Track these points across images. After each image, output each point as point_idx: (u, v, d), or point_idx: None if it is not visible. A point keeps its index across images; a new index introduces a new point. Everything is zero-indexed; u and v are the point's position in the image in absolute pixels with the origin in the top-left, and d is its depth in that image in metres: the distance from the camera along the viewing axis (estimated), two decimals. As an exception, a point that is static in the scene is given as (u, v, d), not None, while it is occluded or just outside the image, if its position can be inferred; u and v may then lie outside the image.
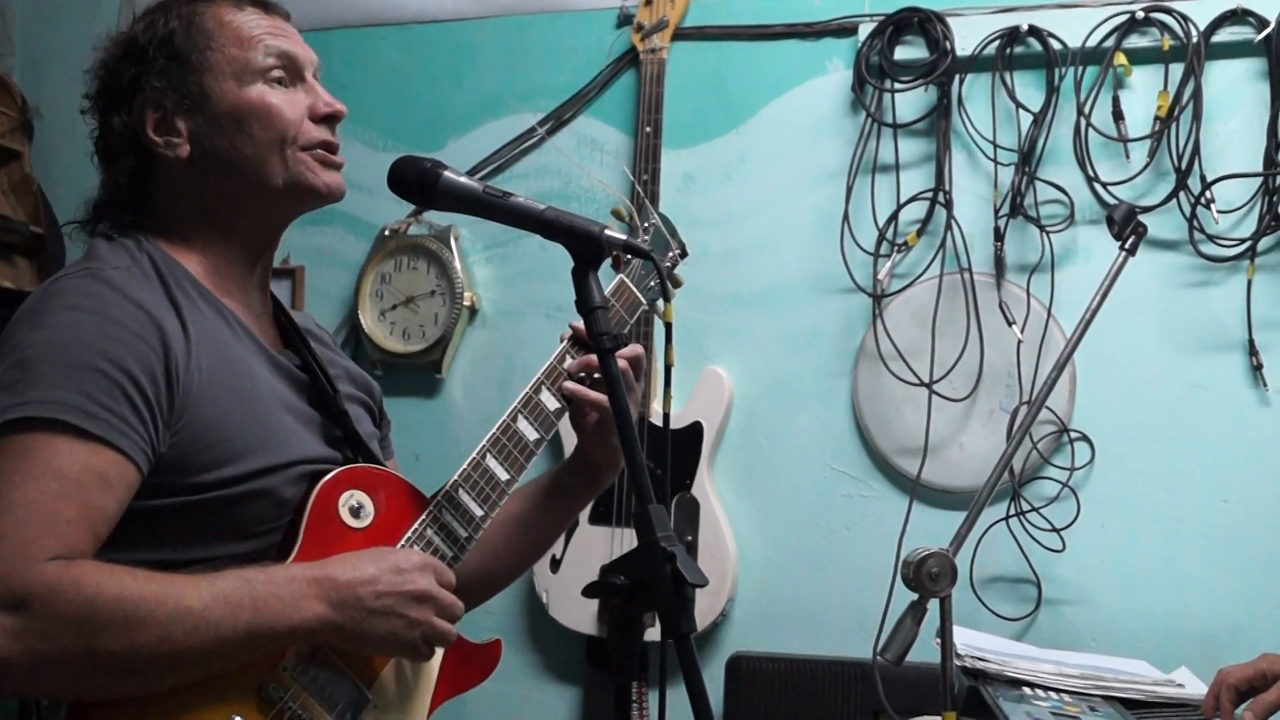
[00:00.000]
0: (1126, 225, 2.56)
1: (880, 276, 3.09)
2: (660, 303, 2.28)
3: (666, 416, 1.96)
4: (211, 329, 1.84)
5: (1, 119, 3.56)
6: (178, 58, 1.89)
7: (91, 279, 1.80)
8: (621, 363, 2.05)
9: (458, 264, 3.34)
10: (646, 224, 2.28)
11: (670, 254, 2.30)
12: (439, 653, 1.94)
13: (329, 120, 1.95)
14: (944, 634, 2.34)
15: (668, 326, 1.89)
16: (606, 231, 1.76)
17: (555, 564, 3.19)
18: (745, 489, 3.20)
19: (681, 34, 3.24)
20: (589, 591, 1.70)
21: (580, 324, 2.01)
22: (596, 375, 2.06)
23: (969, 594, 2.99)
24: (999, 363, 3.03)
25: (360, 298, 3.42)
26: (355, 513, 1.89)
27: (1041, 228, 3.01)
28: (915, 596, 2.26)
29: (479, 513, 1.97)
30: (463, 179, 1.80)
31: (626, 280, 2.20)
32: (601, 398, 2.06)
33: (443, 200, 1.80)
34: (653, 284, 2.26)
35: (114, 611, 1.63)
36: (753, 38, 3.25)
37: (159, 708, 1.69)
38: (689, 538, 3.11)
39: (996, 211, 3.04)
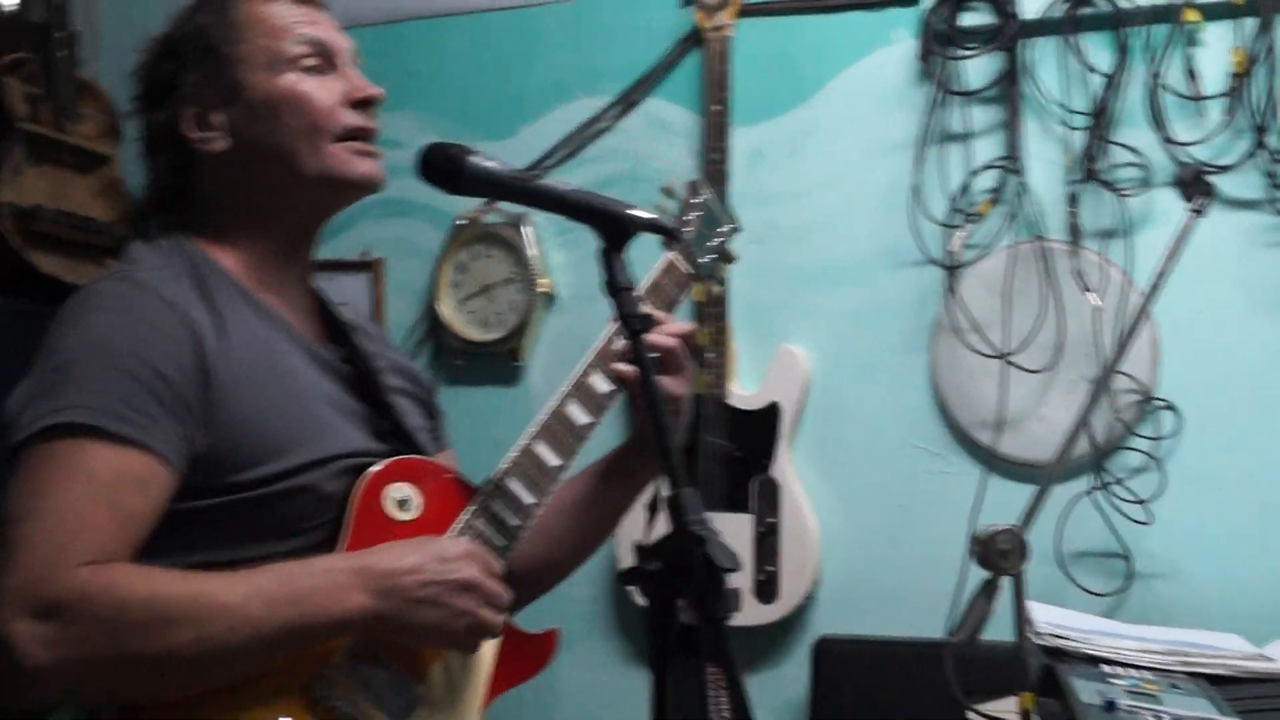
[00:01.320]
0: (1195, 186, 2.47)
1: (952, 248, 3.01)
2: (716, 279, 2.26)
3: (696, 397, 1.90)
4: (248, 325, 1.83)
5: (91, 123, 3.61)
6: (211, 51, 1.89)
7: (124, 281, 1.81)
8: (670, 340, 2.01)
9: (531, 250, 3.32)
10: (697, 199, 2.25)
11: (722, 229, 2.25)
12: (488, 645, 1.90)
13: (365, 105, 1.91)
14: (1018, 612, 2.30)
15: (698, 305, 1.84)
16: (630, 211, 1.72)
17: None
18: (825, 469, 3.14)
19: (746, 10, 3.17)
20: (624, 578, 1.68)
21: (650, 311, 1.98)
22: (652, 355, 2.00)
23: (1056, 570, 2.92)
24: (1079, 332, 2.93)
25: (438, 288, 3.42)
26: (402, 505, 1.86)
27: (1116, 191, 2.91)
28: (989, 574, 2.24)
29: (530, 500, 1.93)
30: (489, 163, 1.75)
31: (675, 258, 2.15)
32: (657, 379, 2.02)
33: (469, 185, 1.76)
34: (706, 260, 2.23)
35: (147, 613, 1.63)
36: (817, 11, 3.18)
37: (205, 710, 1.68)
38: (770, 521, 3.08)
39: (1069, 177, 2.94)
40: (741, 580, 3.08)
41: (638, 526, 3.12)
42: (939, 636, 2.85)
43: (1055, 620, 2.55)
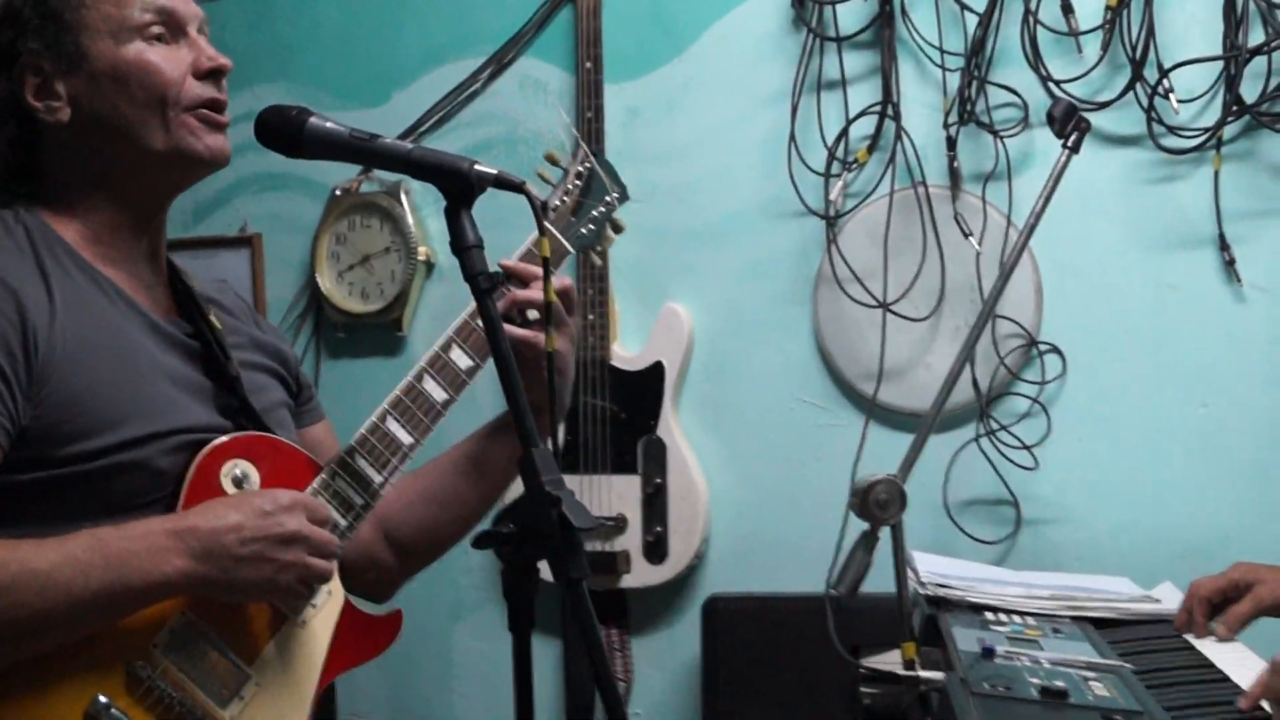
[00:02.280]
0: (1068, 122, 2.41)
1: (832, 197, 2.93)
2: (595, 249, 2.18)
3: (550, 356, 1.81)
4: (84, 298, 1.77)
5: None
6: (54, 18, 1.80)
7: None
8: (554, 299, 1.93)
9: (410, 219, 3.23)
10: (581, 167, 2.16)
11: (609, 197, 2.16)
12: (325, 623, 1.85)
13: (213, 76, 1.82)
14: (898, 563, 2.24)
15: (544, 261, 1.77)
16: (476, 167, 1.65)
17: (526, 516, 3.09)
18: (713, 427, 3.07)
19: (610, -36, 3.10)
20: (478, 542, 1.61)
21: (510, 263, 1.95)
22: (531, 314, 1.96)
23: (944, 519, 2.87)
24: (962, 278, 2.87)
25: (317, 260, 3.33)
26: (239, 483, 1.80)
27: (995, 133, 2.84)
28: (868, 526, 2.18)
29: (377, 479, 1.88)
30: (328, 124, 1.69)
31: (551, 229, 2.07)
32: (527, 334, 1.93)
33: (310, 147, 1.69)
34: (586, 230, 2.14)
35: None
36: (685, -40, 3.09)
37: (16, 686, 1.64)
38: (657, 481, 3.00)
39: (947, 120, 2.86)
40: (631, 542, 3.01)
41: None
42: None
43: (939, 570, 2.49)
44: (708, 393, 3.07)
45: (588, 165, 2.19)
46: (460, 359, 1.94)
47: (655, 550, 3.00)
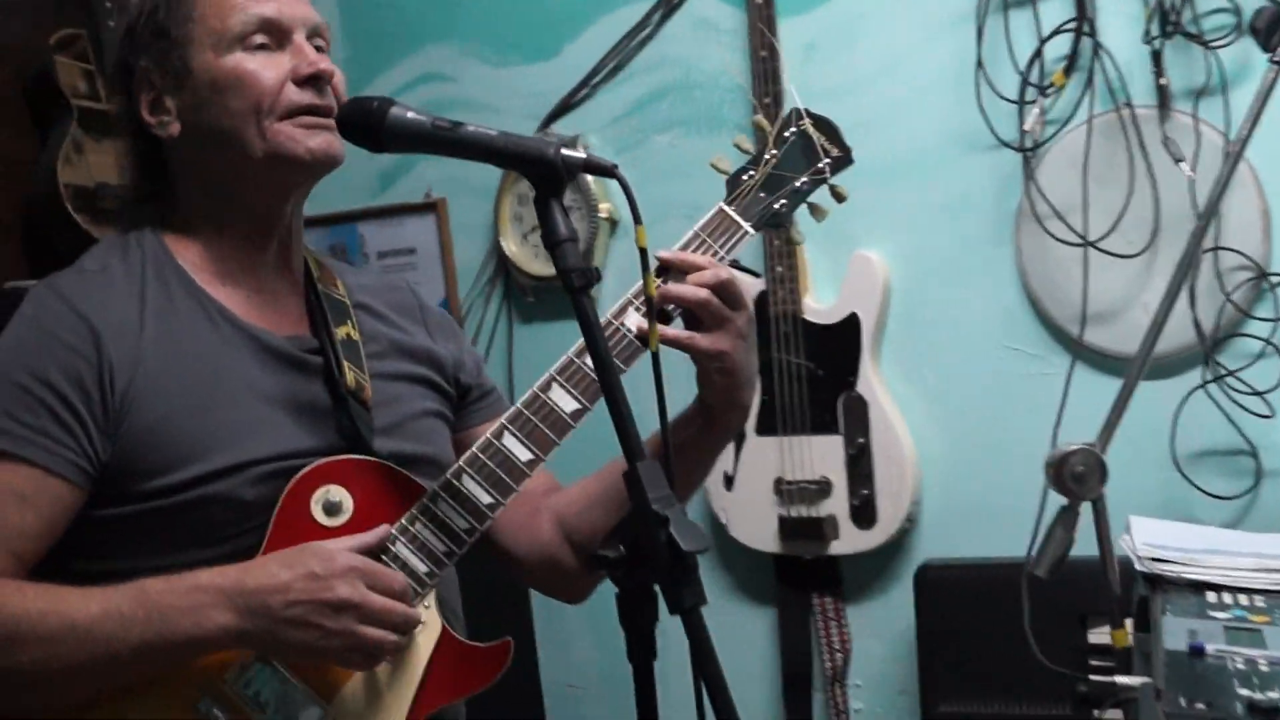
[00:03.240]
0: (1273, 32, 2.16)
1: (1028, 127, 2.71)
2: (799, 230, 2.03)
3: (656, 357, 1.67)
4: (182, 325, 1.79)
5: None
6: (163, 34, 1.83)
7: (46, 289, 1.81)
8: (697, 292, 1.80)
9: (588, 176, 3.12)
10: (789, 132, 1.96)
11: (821, 163, 1.94)
12: (420, 657, 1.79)
13: (313, 82, 1.80)
14: (1101, 544, 2.08)
15: (642, 252, 1.64)
16: (564, 151, 1.55)
17: (729, 481, 3.00)
18: (916, 380, 2.92)
19: (781, -111, 2.90)
20: (590, 565, 1.52)
21: (666, 254, 1.81)
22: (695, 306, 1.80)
23: (1174, 474, 2.67)
24: (1177, 208, 2.62)
25: (500, 224, 3.28)
26: (331, 510, 1.77)
27: (1205, 44, 2.59)
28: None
29: (487, 500, 1.78)
30: (410, 114, 1.62)
31: (726, 208, 1.91)
32: (680, 336, 1.79)
33: (392, 140, 1.64)
34: (779, 206, 1.93)
35: None
36: (859, -125, 2.88)
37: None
38: (860, 441, 2.86)
39: (1150, 34, 2.60)
40: (837, 506, 2.89)
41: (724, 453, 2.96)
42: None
43: (1159, 540, 2.30)
44: (908, 344, 2.91)
45: (797, 129, 2.01)
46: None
47: (863, 514, 2.88)
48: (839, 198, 1.97)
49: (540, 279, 3.25)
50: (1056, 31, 2.70)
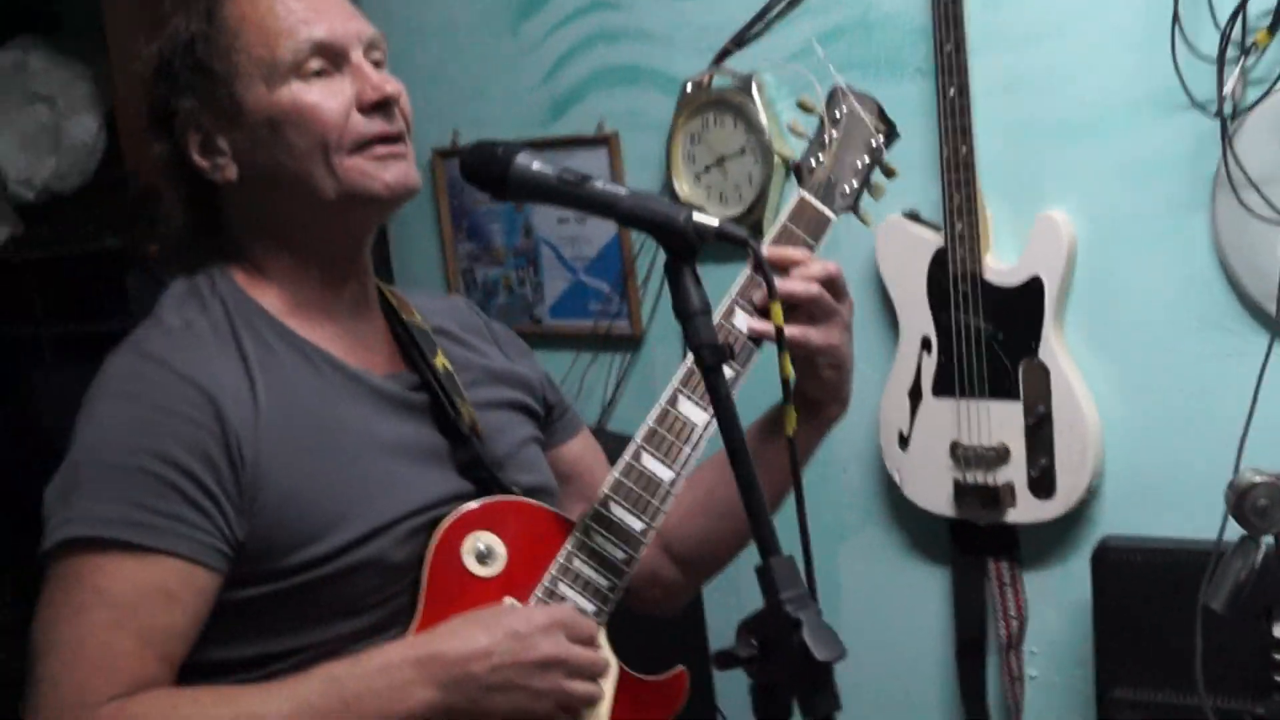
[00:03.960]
0: None
1: (1226, 91, 2.53)
2: (866, 210, 2.00)
3: (792, 443, 1.66)
4: (290, 377, 1.72)
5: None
6: (203, 69, 1.72)
7: (135, 355, 1.70)
8: (809, 287, 1.81)
9: (763, 116, 3.05)
10: (839, 112, 1.99)
11: (873, 141, 2.00)
12: (604, 700, 1.77)
13: (382, 108, 1.72)
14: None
15: (778, 331, 1.61)
16: (695, 218, 1.53)
17: (904, 441, 2.95)
18: (1101, 350, 2.79)
19: None
20: (718, 662, 1.52)
21: (768, 249, 1.82)
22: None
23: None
24: (1392, 181, 2.46)
25: (672, 163, 3.21)
26: (483, 558, 1.76)
27: None
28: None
29: (638, 526, 1.79)
30: (535, 165, 1.59)
31: (808, 197, 1.93)
32: (795, 332, 1.80)
33: (516, 191, 1.61)
34: (849, 187, 1.97)
35: None
36: None
37: None
38: (1041, 409, 2.78)
39: (1368, -9, 2.41)
40: (1015, 474, 2.83)
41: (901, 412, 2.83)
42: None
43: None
44: (1094, 311, 2.79)
45: (845, 108, 1.99)
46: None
47: (1041, 484, 2.80)
48: (889, 174, 2.01)
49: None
50: (1262, -16, 2.51)
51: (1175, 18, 2.57)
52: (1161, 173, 2.68)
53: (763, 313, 1.83)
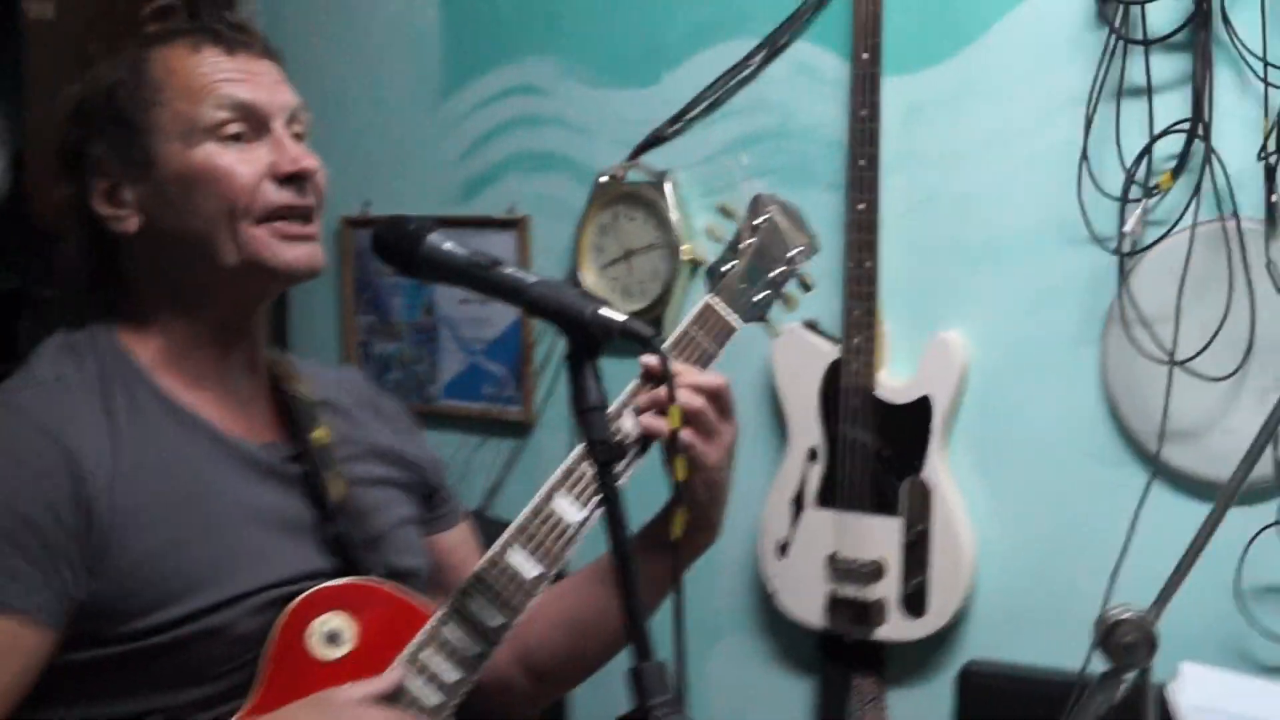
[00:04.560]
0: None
1: (1127, 229, 2.63)
2: (774, 320, 2.01)
3: (676, 545, 1.68)
4: (157, 439, 1.68)
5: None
6: (121, 118, 1.72)
7: (2, 408, 1.67)
8: (695, 400, 1.78)
9: (674, 214, 3.11)
10: (760, 219, 2.00)
11: (791, 253, 2.00)
12: None
13: (295, 180, 1.72)
14: (1142, 715, 2.04)
15: (673, 434, 1.64)
16: (600, 312, 1.52)
17: (782, 549, 2.98)
18: (983, 472, 2.86)
19: (902, -61, 2.83)
20: None
21: (651, 360, 1.77)
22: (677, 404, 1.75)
23: (1234, 613, 2.58)
24: (1274, 333, 2.54)
25: (580, 252, 3.26)
26: (331, 640, 1.70)
27: (1325, 167, 2.48)
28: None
29: (497, 621, 1.73)
30: (447, 245, 1.60)
31: (715, 303, 1.92)
32: (689, 438, 1.78)
33: (424, 268, 1.61)
34: (760, 297, 1.97)
35: None
36: (983, -62, 2.80)
37: None
38: (920, 528, 2.83)
39: (1267, 147, 2.50)
40: (888, 590, 2.87)
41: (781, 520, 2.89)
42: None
43: (1208, 700, 2.24)
44: (981, 434, 2.86)
45: (766, 216, 2.01)
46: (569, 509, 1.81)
47: (913, 603, 2.85)
48: (806, 287, 2.01)
49: (614, 313, 3.22)
50: (1169, 130, 2.60)
51: (1084, 154, 2.67)
52: (1058, 303, 2.77)
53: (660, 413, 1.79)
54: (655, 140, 3.18)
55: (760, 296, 1.97)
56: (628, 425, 1.80)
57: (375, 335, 3.66)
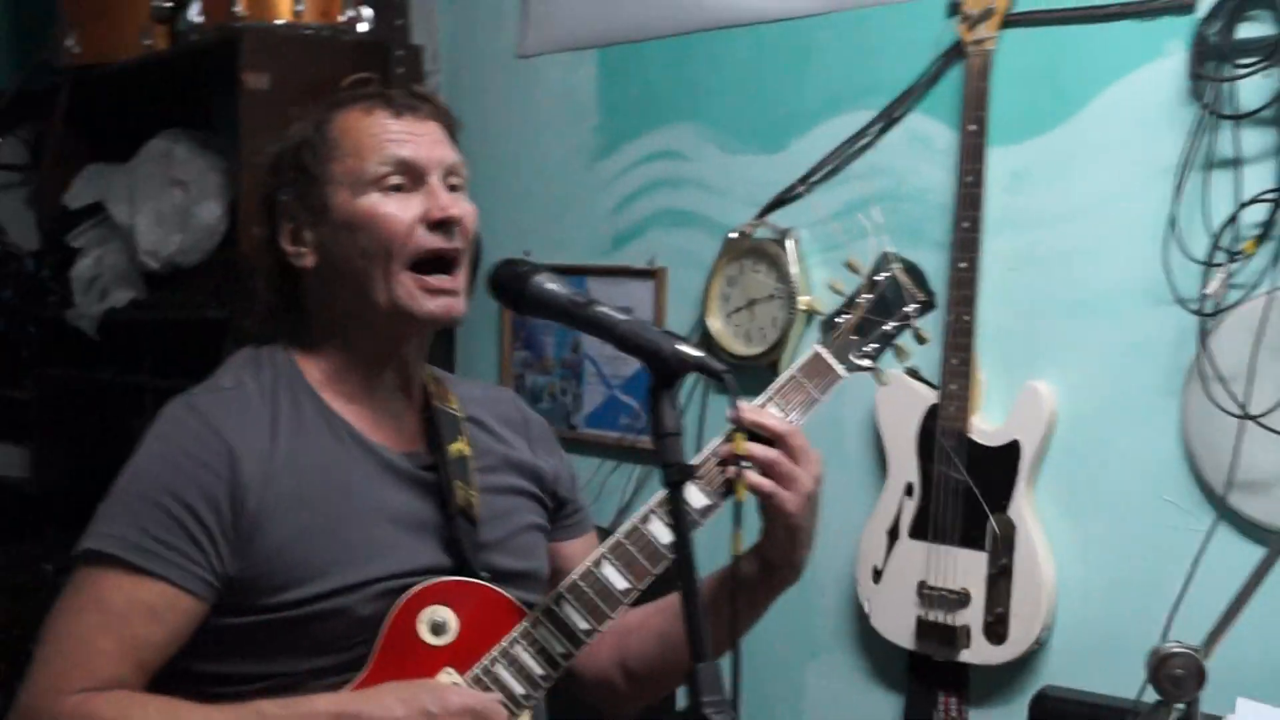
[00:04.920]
0: None
1: (1210, 291, 2.49)
2: (883, 369, 1.94)
3: (736, 561, 1.63)
4: (312, 443, 1.77)
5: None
6: (305, 170, 1.81)
7: (183, 406, 1.78)
8: (768, 452, 1.76)
9: (794, 267, 3.04)
10: (881, 275, 1.94)
11: (909, 308, 1.93)
12: None
13: (443, 227, 1.77)
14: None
15: (736, 507, 1.65)
16: (678, 348, 1.56)
17: (877, 575, 2.88)
18: (1066, 513, 2.71)
19: (1010, 20, 2.71)
20: None
21: (742, 413, 1.75)
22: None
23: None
24: (1346, 392, 2.38)
25: (709, 300, 3.20)
26: (437, 630, 1.75)
27: (1400, 237, 2.33)
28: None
29: (584, 626, 1.77)
30: (550, 285, 1.65)
31: (824, 352, 1.88)
32: (761, 481, 1.76)
33: (530, 306, 1.66)
34: (870, 348, 1.91)
35: None
36: (1086, 20, 2.66)
37: None
38: (1004, 562, 2.70)
39: (1347, 217, 2.37)
40: (972, 617, 2.74)
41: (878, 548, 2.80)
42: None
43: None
44: (1066, 477, 2.72)
45: (888, 272, 1.95)
46: (695, 498, 1.78)
47: (995, 630, 2.71)
48: (921, 340, 1.94)
49: (737, 357, 3.15)
50: (1255, 199, 2.46)
51: (1172, 221, 2.54)
52: (1142, 358, 2.63)
53: (714, 490, 1.78)
54: (781, 201, 3.11)
55: (870, 347, 1.91)
56: (692, 498, 1.75)
57: (529, 369, 3.64)
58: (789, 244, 3.05)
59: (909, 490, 2.84)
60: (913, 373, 2.84)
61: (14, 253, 4.42)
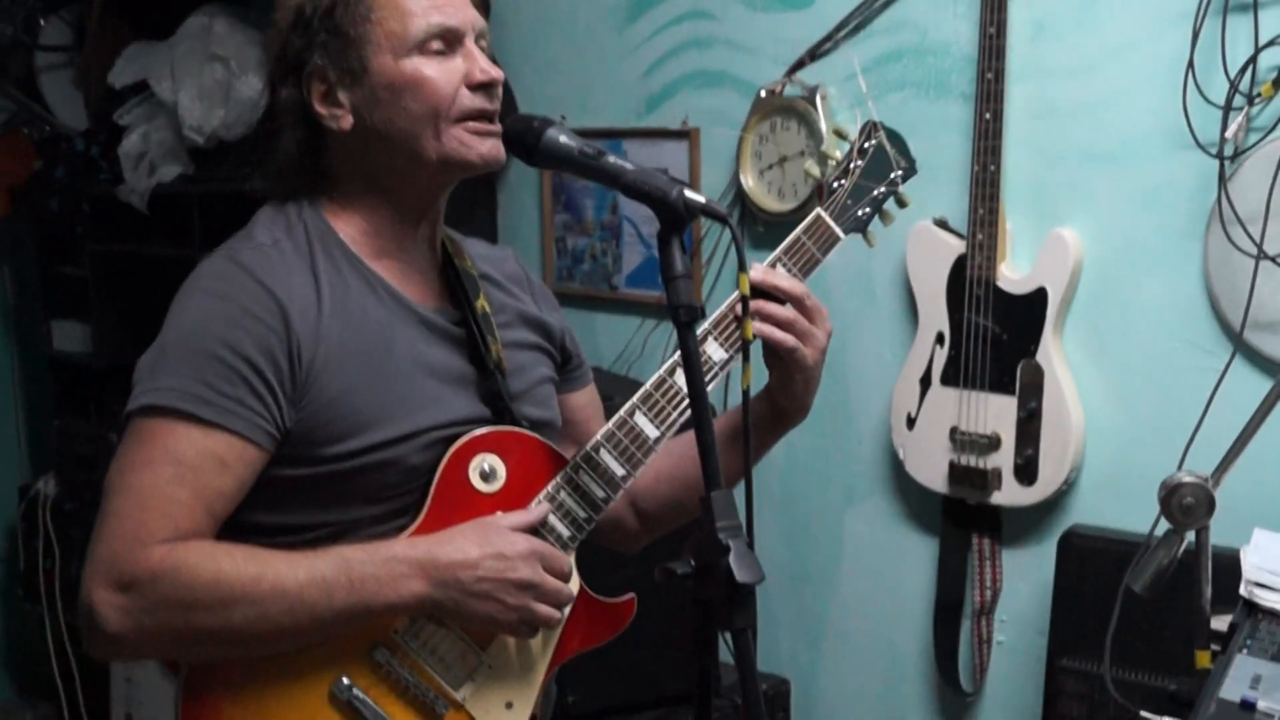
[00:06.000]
0: None
1: (1229, 134, 2.55)
2: (873, 229, 2.05)
3: (746, 394, 1.72)
4: (353, 299, 1.81)
5: None
6: (339, 32, 1.81)
7: (228, 261, 1.79)
8: (789, 312, 1.88)
9: (823, 124, 3.10)
10: (867, 144, 2.05)
11: (894, 174, 2.05)
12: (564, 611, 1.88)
13: (485, 88, 1.82)
14: (1198, 572, 2.03)
15: (744, 299, 1.70)
16: (684, 194, 1.62)
17: (910, 421, 2.99)
18: (1093, 357, 2.81)
19: None
20: (660, 574, 1.61)
21: (755, 274, 1.88)
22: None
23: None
24: (1363, 230, 2.45)
25: (742, 158, 3.27)
26: (486, 477, 1.85)
27: None
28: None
29: (620, 472, 1.89)
30: (562, 138, 1.70)
31: (824, 215, 2.00)
32: (784, 338, 1.89)
33: (543, 157, 1.72)
34: (863, 213, 2.03)
35: (211, 593, 1.70)
36: None
37: (271, 666, 1.77)
38: (1033, 405, 2.81)
39: (1363, 57, 2.42)
40: (1003, 460, 2.86)
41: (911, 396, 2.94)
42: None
43: (1270, 564, 2.20)
44: (1091, 322, 2.81)
45: (874, 141, 2.04)
46: (715, 352, 1.90)
47: (1025, 472, 2.83)
48: (902, 204, 2.06)
49: (770, 213, 3.24)
50: (1272, 42, 2.50)
51: (1190, 65, 2.59)
52: (1164, 203, 2.70)
53: (731, 345, 1.90)
54: (810, 57, 3.15)
55: (862, 212, 2.02)
56: (712, 351, 1.89)
57: (569, 231, 3.73)
58: (819, 100, 3.11)
59: (940, 339, 2.93)
60: (941, 223, 2.92)
61: (63, 132, 4.51)
